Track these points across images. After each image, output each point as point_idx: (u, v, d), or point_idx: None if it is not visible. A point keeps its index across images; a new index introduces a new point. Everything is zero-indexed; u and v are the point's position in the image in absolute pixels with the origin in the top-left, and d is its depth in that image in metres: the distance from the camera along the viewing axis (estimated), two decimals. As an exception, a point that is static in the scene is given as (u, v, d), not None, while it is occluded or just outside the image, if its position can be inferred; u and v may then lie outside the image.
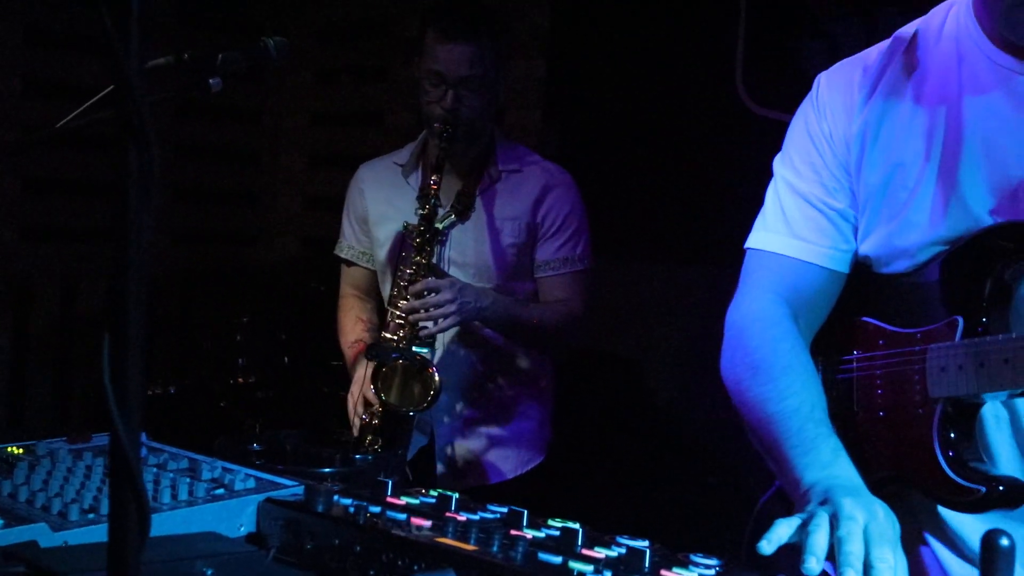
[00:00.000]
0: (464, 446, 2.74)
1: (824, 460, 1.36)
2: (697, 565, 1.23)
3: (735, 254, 1.68)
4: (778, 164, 1.63)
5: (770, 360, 1.49)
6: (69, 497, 1.29)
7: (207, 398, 3.91)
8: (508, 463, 2.75)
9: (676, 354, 3.77)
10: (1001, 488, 1.36)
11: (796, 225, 1.56)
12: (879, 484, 1.41)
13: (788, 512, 1.35)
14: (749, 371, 1.51)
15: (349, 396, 2.65)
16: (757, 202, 1.67)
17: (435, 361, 2.68)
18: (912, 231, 1.46)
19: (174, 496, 1.33)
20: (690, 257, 3.70)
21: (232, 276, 4.71)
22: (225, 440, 2.01)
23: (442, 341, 2.70)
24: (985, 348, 1.33)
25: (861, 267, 1.56)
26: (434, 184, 2.55)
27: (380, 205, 2.77)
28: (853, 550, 1.19)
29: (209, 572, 1.09)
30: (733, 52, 3.73)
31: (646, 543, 1.24)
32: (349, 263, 2.91)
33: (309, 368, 3.95)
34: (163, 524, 1.26)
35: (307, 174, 5.06)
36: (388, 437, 2.49)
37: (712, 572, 1.22)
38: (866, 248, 1.53)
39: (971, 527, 1.44)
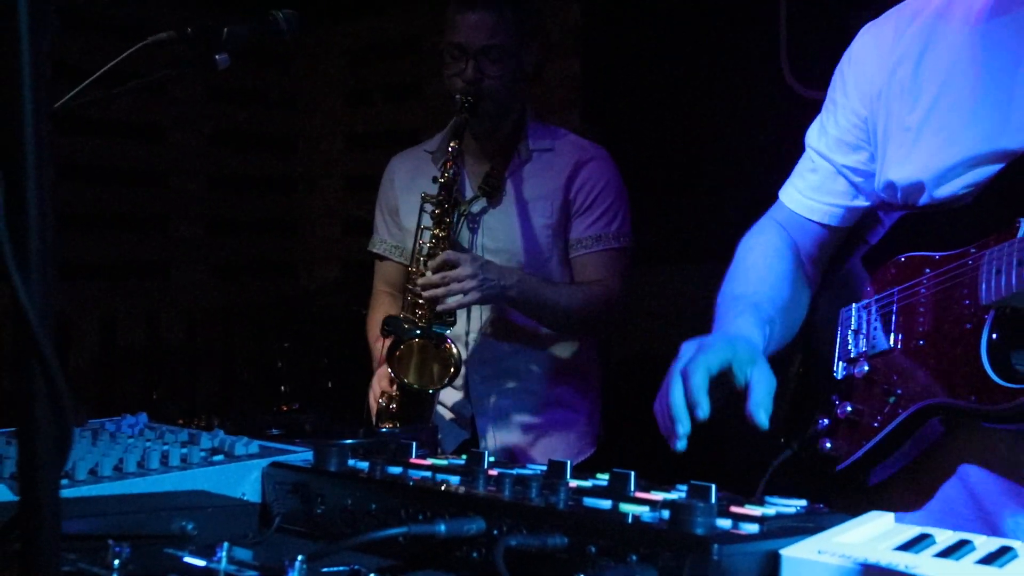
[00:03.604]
0: (508, 439, 2.56)
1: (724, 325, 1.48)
2: (775, 504, 1.03)
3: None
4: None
5: (745, 265, 1.62)
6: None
7: (251, 429, 3.75)
8: (556, 455, 2.53)
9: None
10: None
11: (803, 182, 1.65)
12: (923, 414, 1.38)
13: (803, 475, 1.50)
14: (728, 275, 1.63)
15: (370, 390, 2.50)
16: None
17: (467, 355, 2.51)
18: (966, 145, 1.39)
19: (164, 462, 1.16)
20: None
21: (273, 306, 4.58)
22: (236, 421, 1.84)
23: (473, 330, 2.54)
24: None
25: (899, 210, 1.53)
26: (451, 150, 2.41)
27: (410, 195, 2.61)
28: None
29: (190, 527, 0.92)
30: (776, 34, 3.55)
31: (712, 484, 1.04)
32: (382, 258, 2.76)
33: (353, 393, 3.79)
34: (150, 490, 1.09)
35: (345, 198, 4.94)
36: (407, 421, 2.32)
37: (792, 509, 1.02)
38: (910, 174, 1.45)
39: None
